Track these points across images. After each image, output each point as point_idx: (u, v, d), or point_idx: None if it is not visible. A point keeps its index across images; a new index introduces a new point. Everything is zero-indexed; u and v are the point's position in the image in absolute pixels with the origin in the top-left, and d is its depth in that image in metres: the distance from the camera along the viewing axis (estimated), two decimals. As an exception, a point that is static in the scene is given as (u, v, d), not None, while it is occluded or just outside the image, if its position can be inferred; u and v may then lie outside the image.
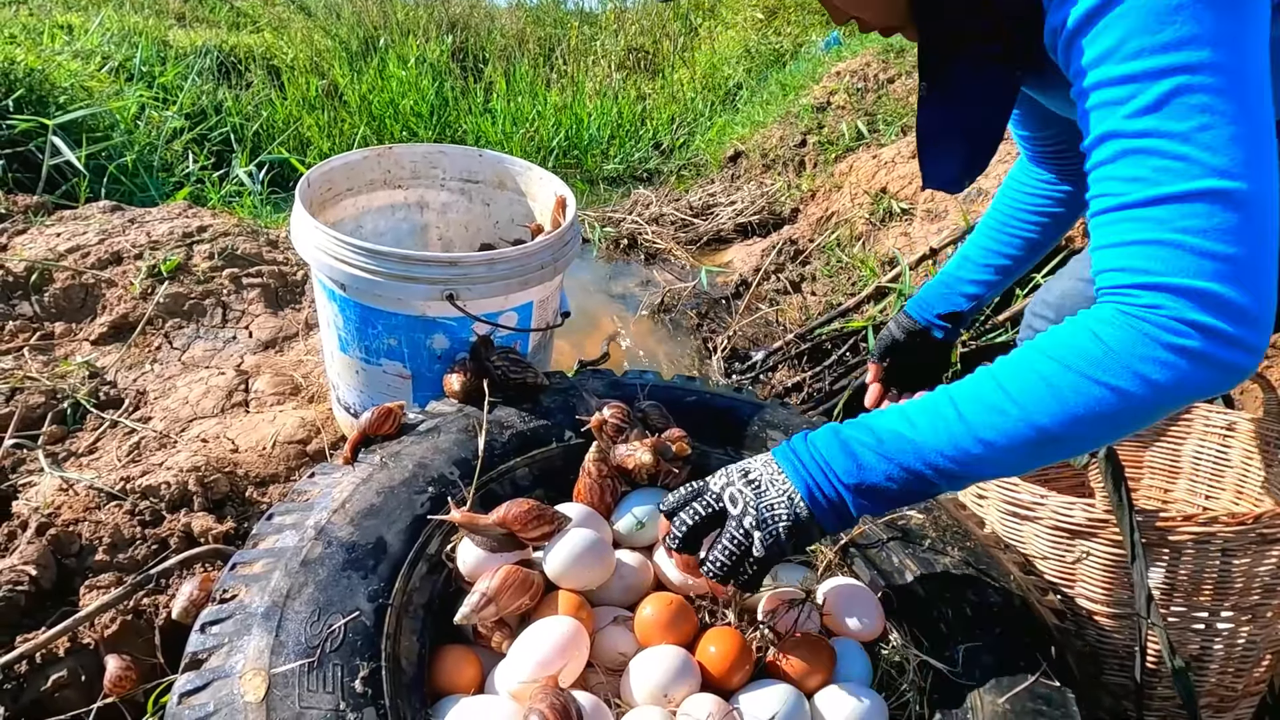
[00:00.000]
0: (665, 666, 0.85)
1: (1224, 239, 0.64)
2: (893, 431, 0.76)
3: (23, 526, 1.20)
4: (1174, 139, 0.66)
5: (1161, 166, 0.66)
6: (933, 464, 0.74)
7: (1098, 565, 1.06)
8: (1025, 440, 0.71)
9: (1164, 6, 0.65)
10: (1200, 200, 0.65)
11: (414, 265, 1.12)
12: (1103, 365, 0.68)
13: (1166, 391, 0.67)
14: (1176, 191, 0.65)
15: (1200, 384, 0.66)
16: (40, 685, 1.00)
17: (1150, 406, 0.68)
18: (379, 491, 0.97)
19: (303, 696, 0.76)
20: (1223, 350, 0.65)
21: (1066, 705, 0.88)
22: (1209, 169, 0.65)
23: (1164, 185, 0.66)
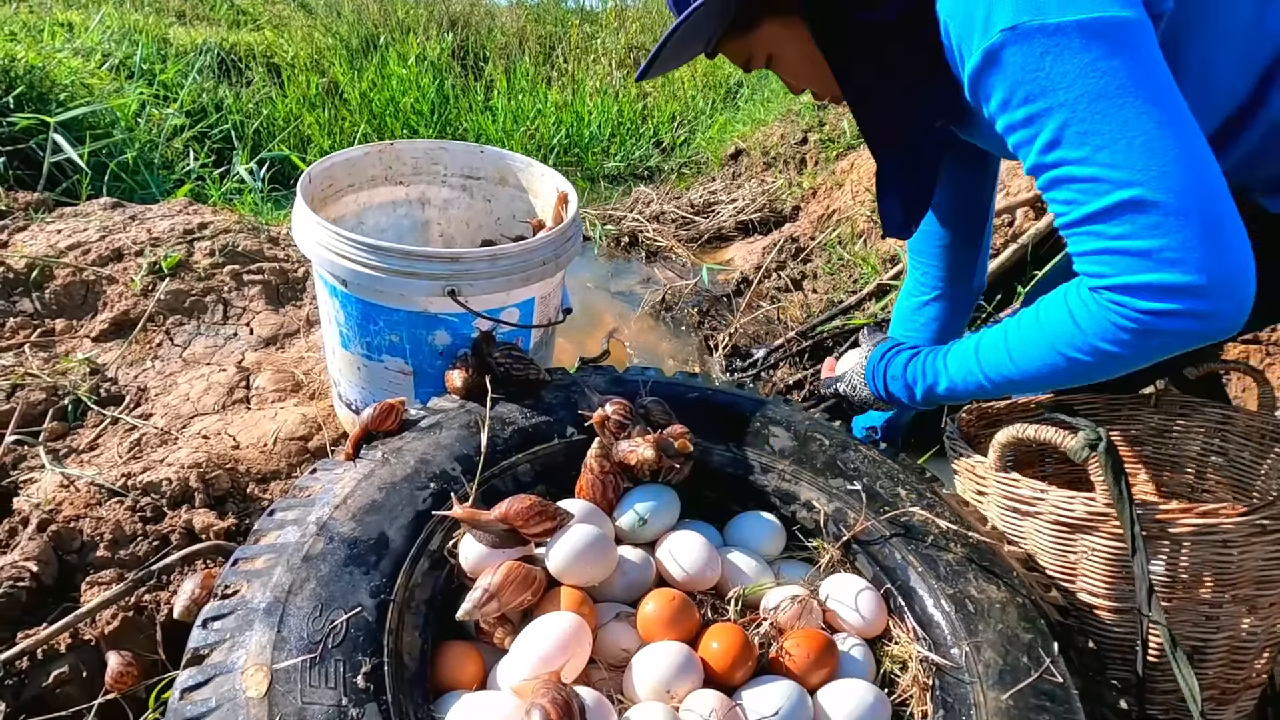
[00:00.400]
0: (668, 663, 0.85)
1: (1149, 236, 0.79)
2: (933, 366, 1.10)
3: (24, 523, 1.19)
4: (1080, 164, 0.80)
5: (1081, 189, 0.81)
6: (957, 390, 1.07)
7: (1099, 559, 1.06)
8: (1019, 383, 0.99)
9: (1034, 54, 0.79)
10: (1119, 211, 0.79)
11: (415, 261, 1.11)
12: (1074, 338, 0.89)
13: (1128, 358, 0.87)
14: (1100, 207, 0.80)
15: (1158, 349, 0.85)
16: (42, 681, 1.00)
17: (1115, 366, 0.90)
18: (381, 487, 0.97)
19: (305, 692, 0.76)
20: (1176, 322, 0.81)
21: (1070, 701, 0.88)
22: (1115, 183, 0.79)
23: (1090, 204, 0.81)
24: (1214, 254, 0.78)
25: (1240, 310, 0.80)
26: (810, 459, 1.15)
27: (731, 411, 1.21)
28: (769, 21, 1.02)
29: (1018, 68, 0.80)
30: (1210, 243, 0.77)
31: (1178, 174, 0.77)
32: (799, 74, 1.08)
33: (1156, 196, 0.77)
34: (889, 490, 1.11)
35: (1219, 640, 1.08)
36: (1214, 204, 0.78)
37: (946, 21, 0.87)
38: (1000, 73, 0.82)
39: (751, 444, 1.17)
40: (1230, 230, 0.78)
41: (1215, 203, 0.78)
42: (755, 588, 1.00)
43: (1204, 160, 0.79)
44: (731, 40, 1.05)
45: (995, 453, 1.12)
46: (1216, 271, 0.78)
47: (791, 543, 1.12)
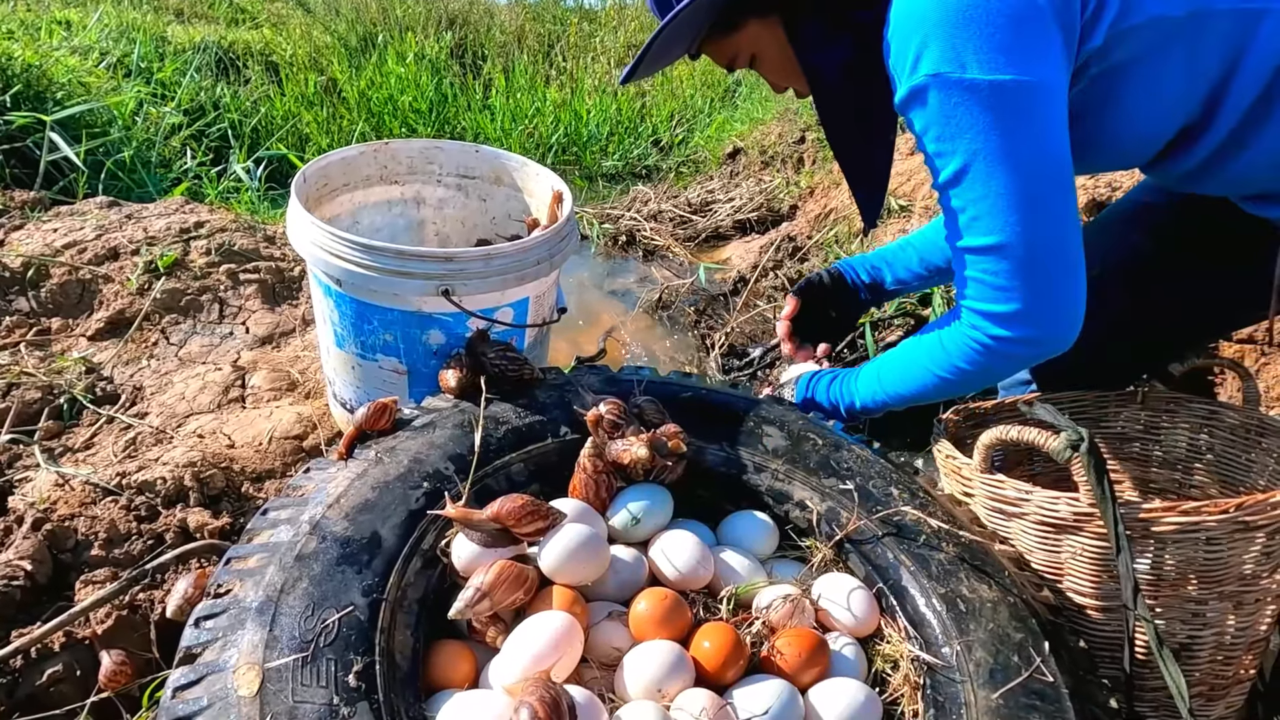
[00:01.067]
0: (659, 661, 0.85)
1: (1001, 275, 1.00)
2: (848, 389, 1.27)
3: (18, 522, 1.20)
4: (967, 205, 0.98)
5: (964, 223, 1.00)
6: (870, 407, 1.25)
7: (1085, 559, 1.07)
8: (910, 399, 1.20)
9: (950, 102, 0.93)
10: (988, 252, 0.99)
11: (409, 260, 1.12)
12: (942, 361, 1.12)
13: (978, 375, 1.11)
14: (973, 244, 1.00)
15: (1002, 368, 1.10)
16: (35, 680, 1.00)
17: (972, 383, 1.14)
18: (374, 487, 0.97)
19: (296, 691, 0.76)
20: (1014, 348, 1.04)
21: (1060, 701, 0.88)
22: (986, 228, 0.98)
23: (967, 238, 1.00)
24: (1047, 298, 1.00)
25: (1061, 341, 1.03)
26: (803, 458, 1.16)
27: (725, 411, 1.21)
28: (752, 22, 1.08)
29: (934, 109, 0.95)
30: (1045, 290, 0.99)
31: (1032, 231, 0.96)
32: (782, 72, 1.14)
33: (1012, 245, 0.97)
34: (881, 490, 1.11)
35: (1206, 637, 1.08)
36: (1055, 258, 0.99)
37: (889, 42, 0.99)
38: (921, 108, 0.96)
39: (745, 443, 1.17)
40: (1065, 280, 1.00)
41: (1056, 257, 0.99)
42: (747, 587, 1.01)
43: (1059, 221, 0.97)
44: (715, 41, 1.11)
45: (979, 454, 1.13)
46: (1045, 312, 1.01)
47: (784, 542, 1.12)
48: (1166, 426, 1.41)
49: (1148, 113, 1.06)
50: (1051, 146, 0.96)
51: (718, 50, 1.13)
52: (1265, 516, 1.00)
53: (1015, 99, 0.92)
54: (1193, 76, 1.00)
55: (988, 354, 1.05)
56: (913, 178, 2.73)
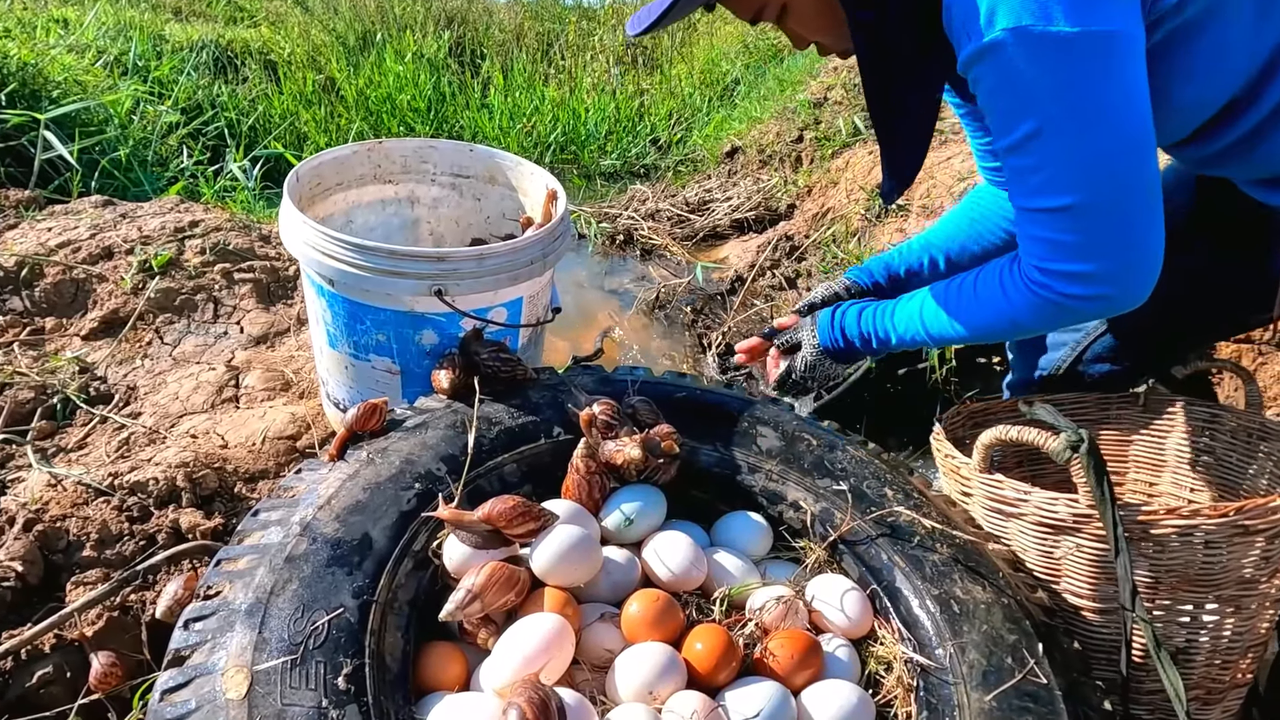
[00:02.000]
0: (651, 664, 0.85)
1: (1080, 235, 0.94)
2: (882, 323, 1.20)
3: (10, 522, 1.19)
4: (1038, 168, 0.93)
5: (1035, 185, 0.95)
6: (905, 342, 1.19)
7: (1083, 560, 1.06)
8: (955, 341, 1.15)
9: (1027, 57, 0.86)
10: (1066, 211, 0.94)
11: (402, 260, 1.11)
12: (1003, 310, 1.05)
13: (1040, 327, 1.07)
14: (1045, 205, 0.95)
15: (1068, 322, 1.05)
16: (25, 681, 1.00)
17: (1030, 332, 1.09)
18: (365, 488, 0.97)
19: (285, 694, 0.75)
20: (1087, 305, 0.99)
21: (1054, 703, 0.88)
22: (1062, 189, 0.92)
23: (1038, 199, 0.95)
24: (1126, 257, 0.95)
25: (1135, 300, 0.98)
26: (798, 459, 1.15)
27: (719, 411, 1.21)
28: None
29: (1013, 64, 0.87)
30: (1125, 249, 0.95)
31: (1117, 188, 0.91)
32: (812, 24, 1.06)
33: (1093, 203, 0.92)
34: (876, 490, 1.11)
35: (1203, 641, 1.08)
36: (1138, 214, 0.94)
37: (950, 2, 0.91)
38: (994, 66, 0.89)
39: (739, 444, 1.17)
40: (1145, 238, 0.95)
41: (1140, 212, 0.94)
42: (741, 588, 1.00)
43: (1143, 176, 0.92)
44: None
45: (979, 454, 1.12)
46: (1123, 270, 0.96)
47: (778, 543, 1.12)
48: (1168, 429, 1.40)
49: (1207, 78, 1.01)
50: (1136, 99, 0.89)
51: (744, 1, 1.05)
52: (1265, 521, 0.99)
53: (1103, 50, 0.85)
54: (1258, 40, 0.96)
55: (1057, 309, 1.01)
56: (910, 177, 2.72)
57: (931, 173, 2.60)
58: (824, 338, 1.25)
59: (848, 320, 1.24)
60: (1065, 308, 1.00)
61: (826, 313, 1.27)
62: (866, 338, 1.22)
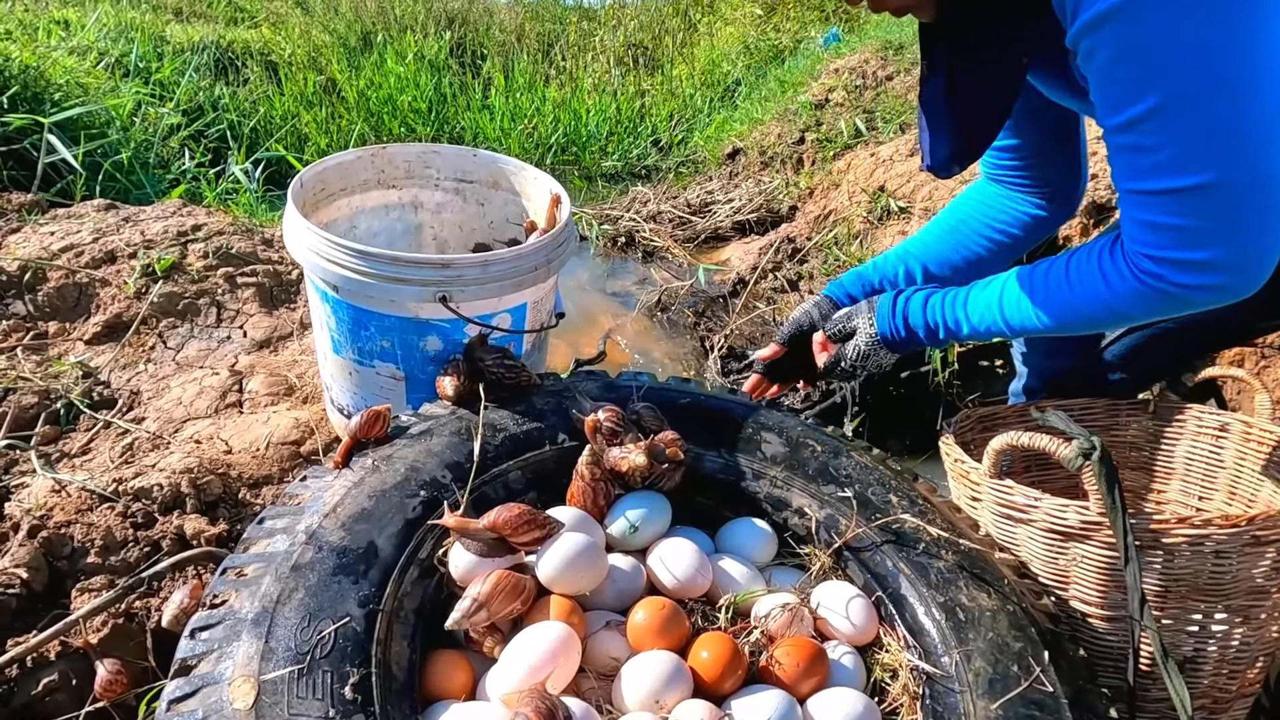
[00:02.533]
0: (657, 672, 0.85)
1: (1209, 219, 0.85)
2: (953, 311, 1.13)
3: (15, 529, 1.19)
4: (1162, 146, 0.84)
5: (1155, 164, 0.85)
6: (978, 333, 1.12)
7: (1091, 567, 1.06)
8: (1038, 331, 1.06)
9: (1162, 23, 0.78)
10: (1191, 193, 0.84)
11: (405, 267, 1.11)
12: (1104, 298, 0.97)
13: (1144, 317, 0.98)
14: (1168, 186, 0.85)
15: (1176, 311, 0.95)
16: (31, 689, 1.00)
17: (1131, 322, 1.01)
18: (371, 495, 0.96)
19: (292, 704, 0.75)
20: (1201, 294, 0.90)
21: (1060, 711, 0.88)
22: (1190, 169, 0.83)
23: (1159, 180, 0.86)
24: (1251, 241, 0.86)
25: (1255, 286, 0.90)
26: (802, 465, 1.15)
27: (723, 417, 1.20)
28: None
29: (1141, 30, 0.79)
30: (1247, 232, 0.85)
31: (1250, 169, 0.82)
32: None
33: (1223, 184, 0.83)
34: (880, 497, 1.11)
35: (1211, 650, 1.08)
36: (1266, 197, 0.84)
37: None
38: (1121, 30, 0.80)
39: (743, 450, 1.17)
40: (1270, 220, 0.85)
41: (1267, 196, 0.84)
42: (746, 595, 1.00)
43: (1275, 157, 0.82)
44: None
45: (989, 459, 1.12)
46: (1247, 255, 0.87)
47: (783, 549, 1.12)
48: (1177, 436, 1.40)
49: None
50: (1275, 64, 0.80)
51: None
52: (1276, 531, 0.99)
53: (1250, 9, 0.77)
54: None
55: (1165, 299, 0.93)
56: (912, 179, 2.72)
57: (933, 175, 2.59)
58: (883, 326, 1.19)
59: (911, 308, 1.17)
60: (1175, 298, 0.92)
61: (887, 298, 1.20)
62: (933, 327, 1.16)
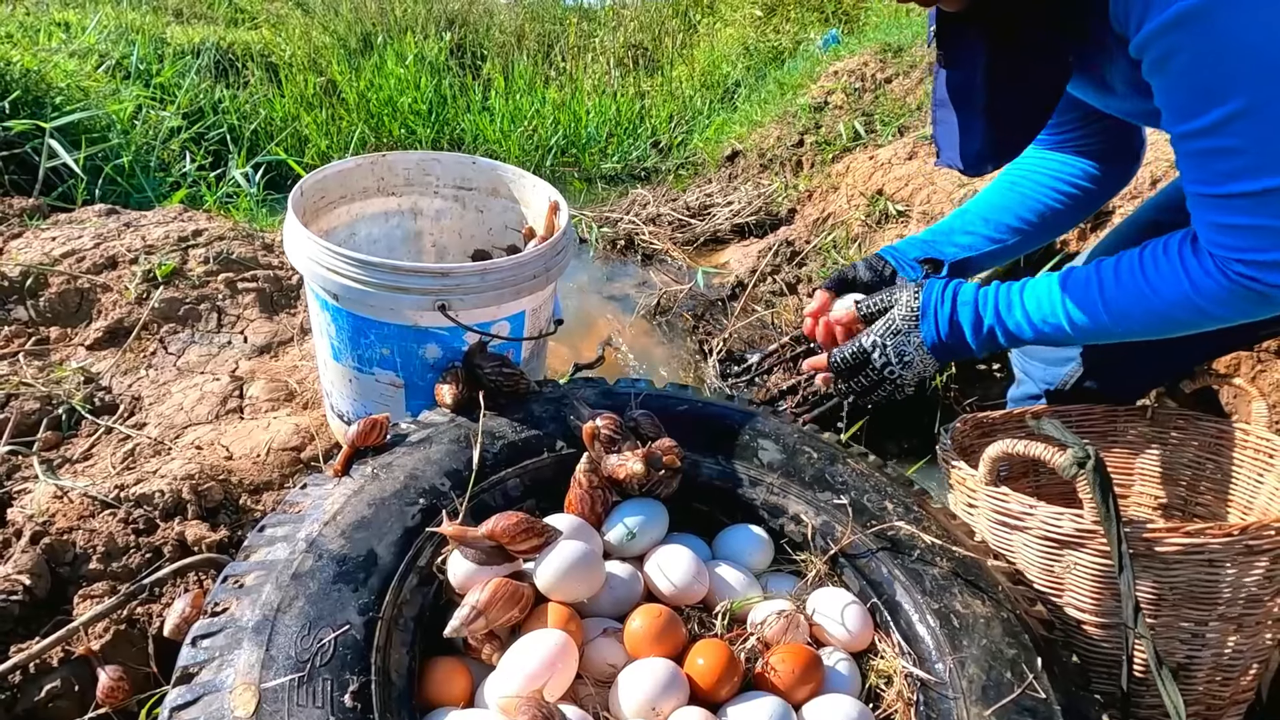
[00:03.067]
0: (653, 680, 0.85)
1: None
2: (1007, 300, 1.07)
3: (17, 535, 1.20)
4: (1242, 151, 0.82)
5: (1234, 168, 0.83)
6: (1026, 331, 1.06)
7: (1086, 575, 1.07)
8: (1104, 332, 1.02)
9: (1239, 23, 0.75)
10: (1267, 194, 0.82)
11: (405, 276, 1.12)
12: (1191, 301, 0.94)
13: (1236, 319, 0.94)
14: (1248, 189, 0.83)
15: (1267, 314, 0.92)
16: (34, 695, 1.01)
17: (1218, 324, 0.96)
18: (370, 503, 0.97)
19: (292, 711, 0.76)
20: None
21: (1053, 717, 0.88)
22: (1271, 170, 0.81)
23: (1238, 184, 0.84)
24: None
25: None
26: (798, 472, 1.16)
27: (721, 424, 1.21)
28: None
29: (1220, 32, 0.76)
30: None
31: None
32: None
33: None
34: (876, 504, 1.12)
35: (1205, 657, 1.09)
36: None
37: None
38: (1198, 33, 0.78)
39: (740, 457, 1.18)
40: None
41: None
42: (742, 602, 1.01)
43: None
44: None
45: (985, 466, 1.13)
46: None
47: (779, 556, 1.13)
48: (1175, 443, 1.41)
49: None
50: None
51: None
52: (1270, 541, 1.00)
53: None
54: None
55: (1262, 301, 0.90)
56: (910, 182, 2.73)
57: (932, 179, 2.60)
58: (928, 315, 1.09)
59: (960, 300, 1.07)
60: (1272, 299, 0.89)
61: (935, 286, 1.09)
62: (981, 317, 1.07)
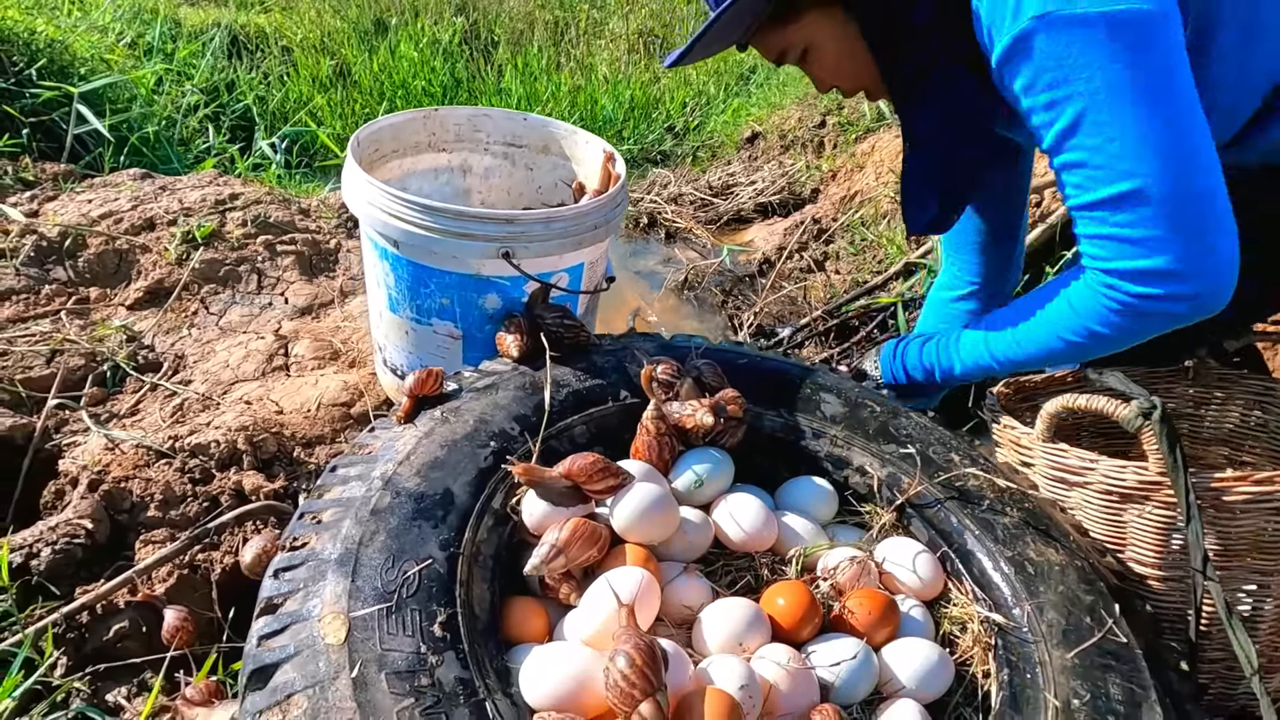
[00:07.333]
0: (738, 617, 0.85)
1: (1144, 225, 0.87)
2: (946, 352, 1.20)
3: (73, 483, 1.20)
4: (1092, 152, 0.87)
5: (1090, 175, 0.89)
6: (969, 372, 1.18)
7: (1149, 528, 1.06)
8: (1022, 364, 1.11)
9: (1061, 42, 0.84)
10: (1121, 200, 0.88)
11: (470, 222, 1.11)
12: (1072, 324, 1.01)
13: (1119, 339, 0.99)
14: (1105, 195, 0.88)
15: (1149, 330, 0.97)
16: (103, 635, 1.00)
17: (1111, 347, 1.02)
18: (442, 445, 0.97)
19: (383, 639, 0.76)
20: (1164, 305, 0.91)
21: (1135, 661, 0.88)
22: (1120, 174, 0.86)
23: (1096, 191, 0.89)
24: (1199, 244, 0.88)
25: (1219, 294, 0.90)
26: (862, 425, 1.15)
27: (781, 378, 1.21)
28: (811, 12, 1.02)
29: (1044, 54, 0.86)
30: (1197, 235, 0.87)
31: (1176, 170, 0.85)
32: (833, 69, 1.08)
33: (1152, 188, 0.86)
34: (942, 455, 1.11)
35: (1268, 609, 1.08)
36: (1204, 199, 0.87)
37: (977, 7, 0.91)
38: (1027, 58, 0.87)
39: (802, 410, 1.17)
40: (1217, 222, 0.88)
41: (1206, 198, 0.87)
42: (814, 548, 1.01)
43: (1202, 159, 0.87)
44: (769, 32, 1.05)
45: (1043, 423, 1.12)
46: (1200, 260, 0.88)
47: (843, 507, 1.12)
48: (1218, 402, 1.40)
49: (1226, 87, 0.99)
50: (1179, 79, 0.85)
51: (769, 42, 1.06)
52: (1338, 487, 1.00)
53: (1135, 29, 0.83)
54: None
55: (1132, 315, 0.94)
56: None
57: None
58: (885, 371, 1.26)
59: (909, 353, 1.23)
60: (1142, 312, 0.93)
61: (889, 346, 1.26)
62: (929, 369, 1.20)
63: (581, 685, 0.74)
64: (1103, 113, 0.85)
